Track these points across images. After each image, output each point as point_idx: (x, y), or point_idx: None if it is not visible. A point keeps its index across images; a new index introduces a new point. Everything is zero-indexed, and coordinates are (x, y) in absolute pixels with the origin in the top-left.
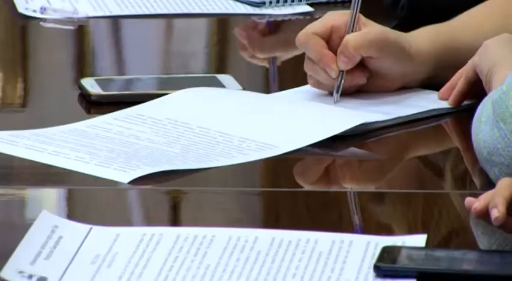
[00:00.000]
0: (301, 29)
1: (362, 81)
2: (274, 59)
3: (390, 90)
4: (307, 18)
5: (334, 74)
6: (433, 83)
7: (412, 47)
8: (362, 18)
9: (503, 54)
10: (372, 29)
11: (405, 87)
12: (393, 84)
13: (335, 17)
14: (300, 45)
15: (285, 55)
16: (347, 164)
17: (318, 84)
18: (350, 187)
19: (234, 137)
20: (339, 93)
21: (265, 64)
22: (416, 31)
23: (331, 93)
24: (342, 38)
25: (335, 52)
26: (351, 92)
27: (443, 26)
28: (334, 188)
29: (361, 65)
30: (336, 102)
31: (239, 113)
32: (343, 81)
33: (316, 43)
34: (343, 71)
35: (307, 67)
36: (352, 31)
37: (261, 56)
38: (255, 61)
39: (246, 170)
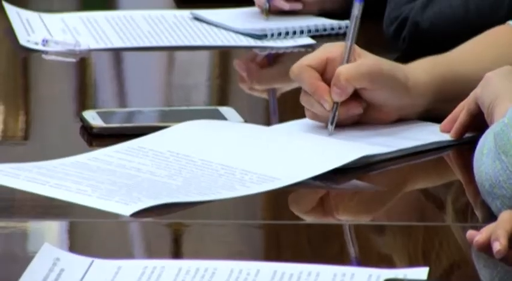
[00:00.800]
0: None
1: (358, 112)
2: (273, 90)
3: (388, 122)
4: (308, 51)
5: (328, 106)
6: (431, 115)
7: (408, 79)
8: (357, 49)
9: (505, 87)
10: (365, 61)
11: (405, 120)
12: (390, 116)
13: (330, 49)
14: (294, 78)
15: (285, 87)
16: (348, 197)
17: (314, 116)
18: (351, 219)
19: (236, 169)
20: (334, 125)
21: (267, 96)
22: (414, 63)
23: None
24: None
25: (330, 84)
26: (348, 124)
27: (442, 58)
28: (335, 221)
29: (357, 96)
30: (330, 134)
31: (241, 145)
32: (337, 113)
33: (310, 75)
34: (337, 103)
35: (303, 99)
36: (347, 62)
37: (259, 87)
38: (256, 93)
39: (247, 203)
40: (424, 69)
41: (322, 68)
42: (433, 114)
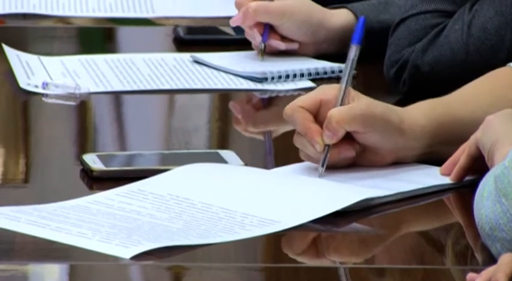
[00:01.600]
0: None
1: (350, 155)
2: (269, 133)
3: (384, 165)
4: None
5: (319, 148)
6: (431, 158)
7: (403, 122)
8: (352, 92)
9: (505, 130)
10: (358, 104)
11: (403, 162)
12: (386, 159)
13: (325, 91)
14: (286, 118)
15: (280, 129)
16: (348, 240)
17: (308, 158)
18: (351, 262)
19: (237, 213)
20: (324, 168)
21: (263, 138)
22: (411, 106)
23: (330, 168)
24: None
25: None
26: (343, 166)
27: (439, 101)
28: (335, 264)
29: (351, 139)
30: (320, 176)
31: (241, 188)
32: (329, 155)
33: (303, 117)
34: (328, 145)
35: (296, 141)
36: (341, 105)
37: (253, 130)
38: (254, 136)
39: (247, 246)
40: (421, 112)
41: (316, 110)
42: (433, 157)
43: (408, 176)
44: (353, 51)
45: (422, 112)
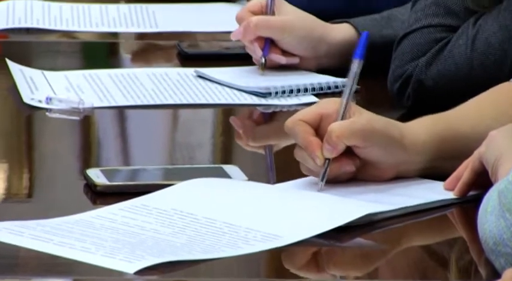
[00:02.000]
0: None
1: (350, 170)
2: (269, 147)
3: (385, 180)
4: None
5: (319, 162)
6: (432, 173)
7: (404, 137)
8: (353, 106)
9: (509, 145)
10: (358, 119)
11: (405, 177)
12: (387, 174)
13: (326, 105)
14: (287, 132)
15: (283, 143)
16: (351, 255)
17: (308, 171)
18: (355, 276)
19: (240, 227)
20: (324, 182)
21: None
22: (413, 121)
23: (331, 182)
24: None
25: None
26: (344, 180)
27: (442, 116)
28: (338, 279)
29: (352, 153)
30: (320, 190)
31: (245, 203)
32: (329, 169)
33: (303, 130)
34: (329, 159)
35: (297, 154)
36: (342, 119)
37: (255, 144)
38: (261, 151)
39: (250, 260)
40: (422, 128)
41: (317, 123)
42: (435, 172)
43: (411, 191)
44: (355, 66)
45: (424, 127)
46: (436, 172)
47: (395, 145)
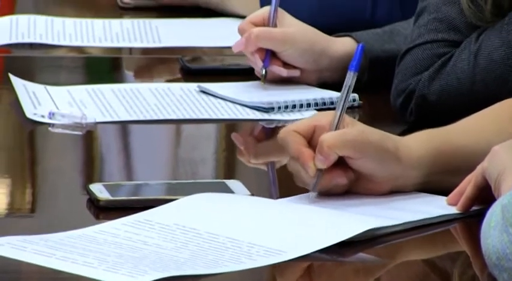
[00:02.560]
0: None
1: (342, 182)
2: (272, 163)
3: (381, 193)
4: None
5: (311, 172)
6: (431, 187)
7: (399, 150)
8: (347, 118)
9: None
10: (351, 130)
11: (405, 192)
12: (382, 187)
13: (320, 117)
14: (280, 142)
15: (285, 158)
16: (354, 269)
17: (302, 183)
18: None
19: (243, 242)
20: (315, 192)
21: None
22: (410, 135)
23: (327, 195)
24: None
25: None
26: (338, 194)
27: (439, 130)
28: None
29: (345, 166)
30: (311, 202)
31: (248, 218)
32: (321, 180)
33: (296, 141)
34: (321, 170)
35: (290, 165)
36: (335, 130)
37: (256, 161)
38: (263, 166)
39: (253, 275)
40: (419, 142)
41: (310, 135)
42: (434, 187)
43: (411, 206)
44: (350, 78)
45: (420, 141)
46: (434, 186)
47: (389, 158)
